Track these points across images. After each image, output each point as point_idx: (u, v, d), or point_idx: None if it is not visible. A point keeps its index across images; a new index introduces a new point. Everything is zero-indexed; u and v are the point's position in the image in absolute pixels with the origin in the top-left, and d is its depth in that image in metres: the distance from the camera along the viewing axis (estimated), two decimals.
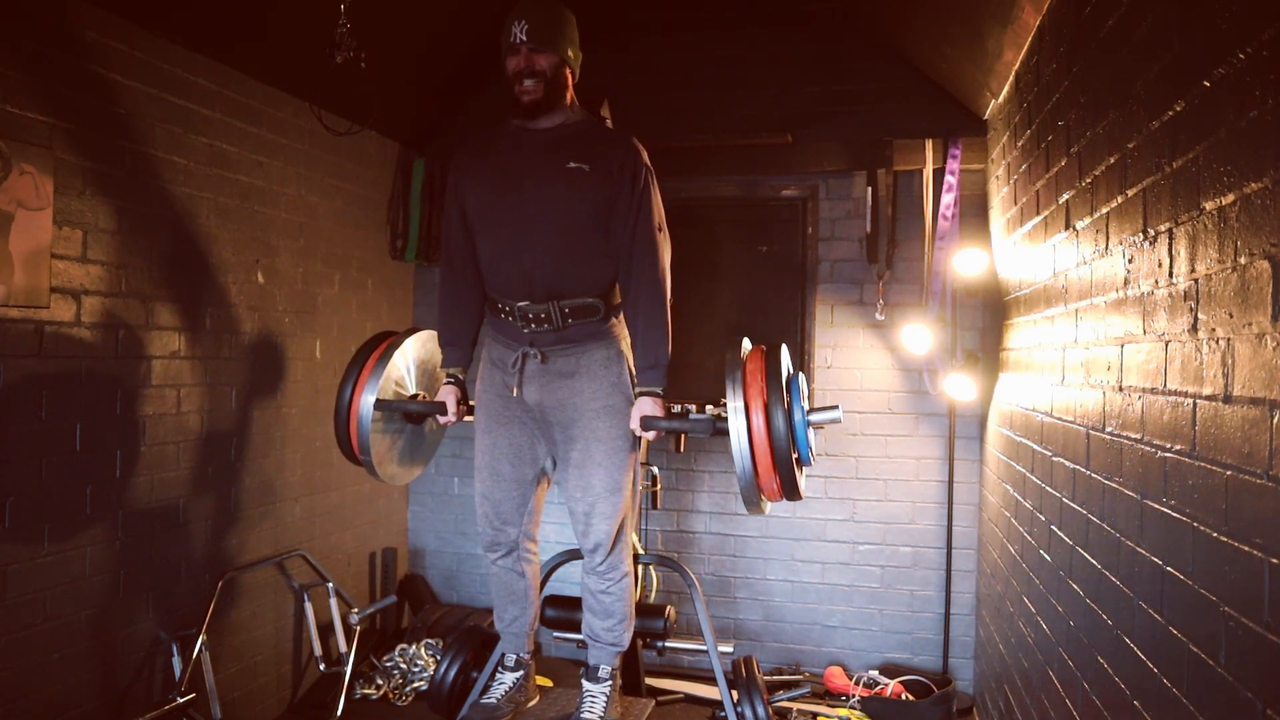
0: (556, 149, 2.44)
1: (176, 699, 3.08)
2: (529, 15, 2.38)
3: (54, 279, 2.74)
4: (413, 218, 4.61)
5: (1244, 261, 1.32)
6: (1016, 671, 2.99)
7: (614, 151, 2.44)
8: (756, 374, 2.44)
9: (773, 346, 2.56)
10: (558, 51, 2.42)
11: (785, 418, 2.37)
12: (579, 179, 2.39)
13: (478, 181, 2.52)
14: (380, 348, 2.89)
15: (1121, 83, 1.93)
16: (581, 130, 2.50)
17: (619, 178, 2.41)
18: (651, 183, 2.47)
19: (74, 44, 2.79)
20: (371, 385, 2.75)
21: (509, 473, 2.59)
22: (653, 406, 2.47)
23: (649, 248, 2.44)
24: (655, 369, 2.47)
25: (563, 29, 2.44)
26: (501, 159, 2.50)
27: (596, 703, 2.60)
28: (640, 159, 2.46)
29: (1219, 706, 1.37)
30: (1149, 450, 1.72)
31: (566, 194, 2.40)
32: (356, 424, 2.76)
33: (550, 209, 2.41)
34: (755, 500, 2.47)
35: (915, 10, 3.69)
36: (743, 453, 2.39)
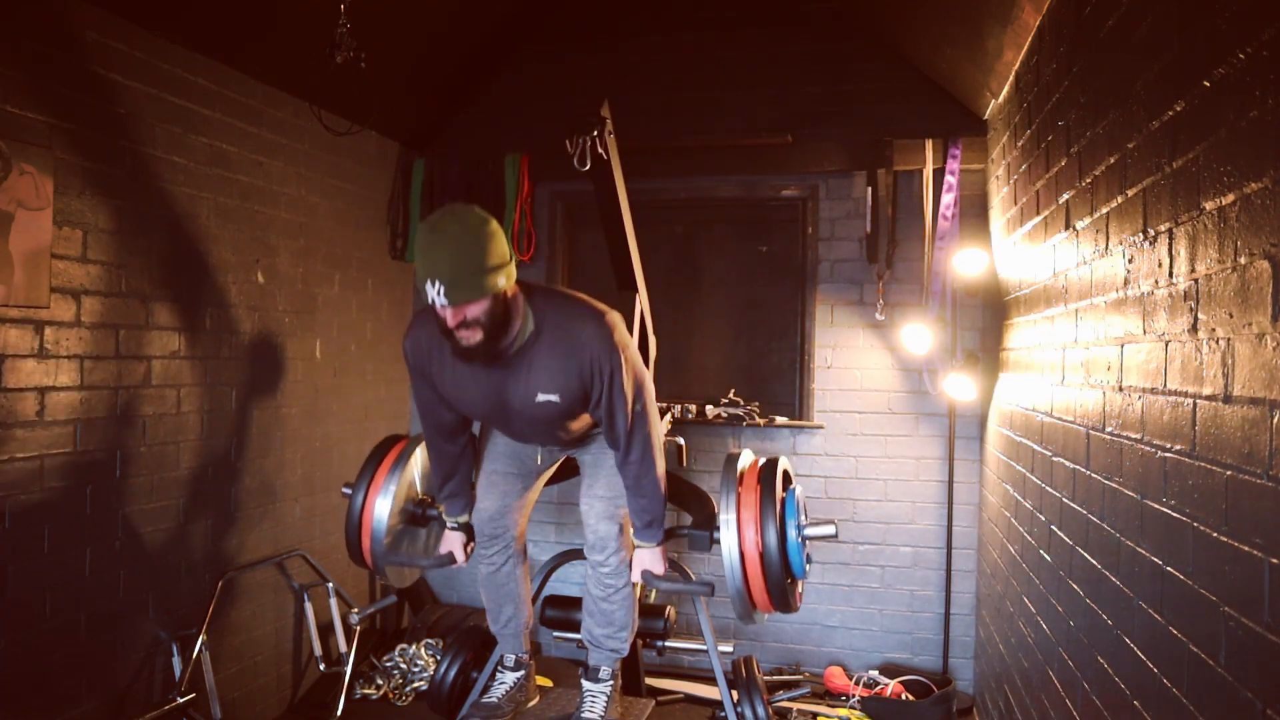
0: (520, 379, 2.29)
1: (176, 699, 3.08)
2: (439, 273, 2.01)
3: (54, 279, 2.74)
4: (413, 218, 4.62)
5: (1244, 261, 1.32)
6: (1016, 671, 2.99)
7: (578, 364, 2.26)
8: (751, 494, 2.52)
9: (770, 461, 2.64)
10: (486, 293, 2.06)
11: (779, 543, 2.45)
12: (552, 406, 2.31)
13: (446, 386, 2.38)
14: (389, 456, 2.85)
15: (1121, 83, 1.93)
16: (538, 346, 2.27)
17: (589, 383, 2.30)
18: (621, 369, 2.29)
19: (74, 44, 2.79)
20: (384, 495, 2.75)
21: (508, 468, 2.63)
22: (653, 560, 2.54)
23: (631, 428, 2.37)
24: (651, 527, 2.51)
25: (483, 264, 2.04)
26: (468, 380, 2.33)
27: (597, 703, 2.60)
28: (603, 349, 2.26)
29: (1219, 706, 1.37)
30: (1149, 450, 1.72)
31: (546, 414, 2.34)
32: (369, 545, 2.76)
33: (535, 421, 2.38)
34: (748, 616, 2.57)
35: (915, 10, 3.69)
36: (735, 577, 2.49)
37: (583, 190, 4.36)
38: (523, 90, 4.69)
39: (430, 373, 2.38)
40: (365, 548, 2.78)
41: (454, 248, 2.02)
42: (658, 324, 3.51)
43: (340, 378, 4.20)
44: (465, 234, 2.04)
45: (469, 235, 2.04)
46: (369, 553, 2.77)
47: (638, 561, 2.54)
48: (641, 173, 4.17)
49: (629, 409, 2.35)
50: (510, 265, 2.14)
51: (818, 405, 4.30)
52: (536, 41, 4.66)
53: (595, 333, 2.26)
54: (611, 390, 2.30)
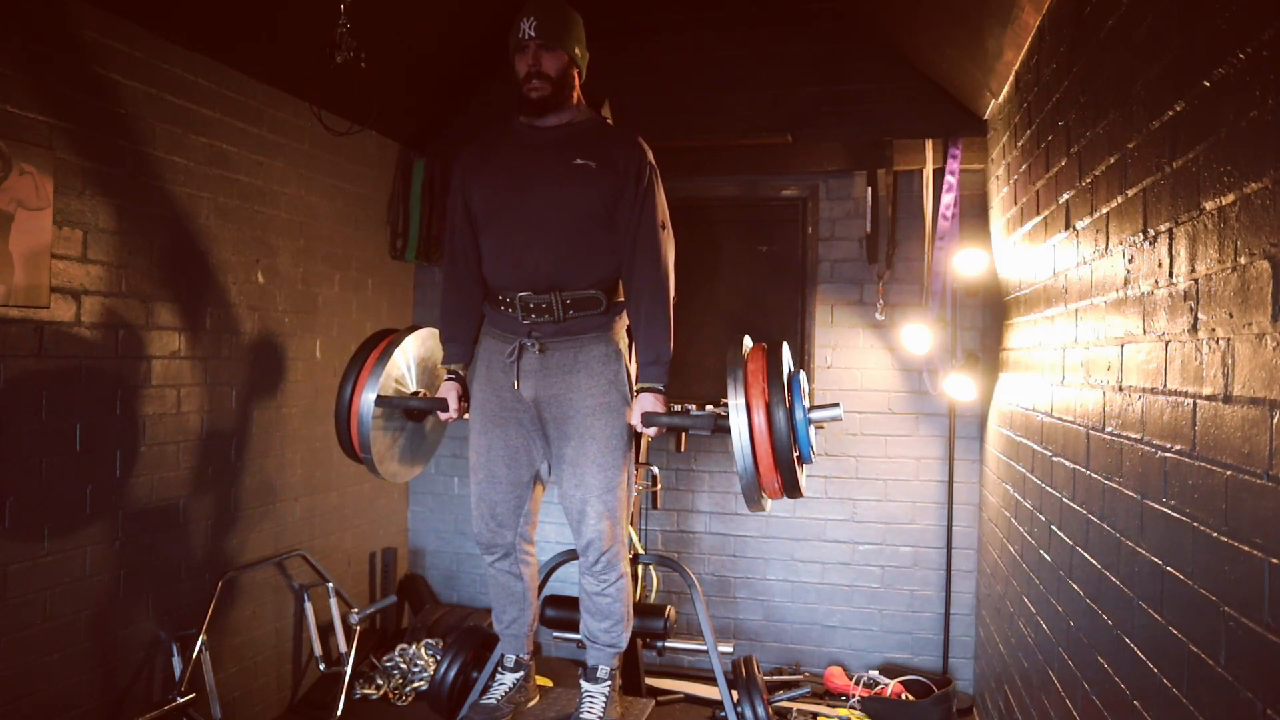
0: (563, 146, 2.47)
1: (176, 699, 3.08)
2: (538, 13, 2.42)
3: (54, 279, 2.74)
4: (413, 218, 4.61)
5: (1244, 261, 1.32)
6: (1016, 671, 2.99)
7: (619, 149, 2.47)
8: (758, 372, 2.45)
9: (774, 344, 2.56)
10: (566, 50, 2.45)
11: (786, 415, 2.38)
12: (585, 175, 2.43)
13: (484, 178, 2.55)
14: (380, 345, 2.89)
15: (1121, 83, 1.93)
16: (587, 129, 2.53)
17: (624, 175, 2.44)
18: (656, 181, 2.51)
19: (74, 44, 2.79)
20: (372, 383, 2.75)
21: (505, 474, 2.58)
22: (654, 402, 2.47)
23: (652, 244, 2.46)
24: (657, 364, 2.47)
25: (570, 29, 2.47)
26: (508, 157, 2.53)
27: (596, 703, 2.60)
28: (645, 157, 2.50)
29: (1219, 706, 1.37)
30: (1149, 450, 1.72)
31: (572, 189, 2.43)
32: (357, 421, 2.76)
33: (556, 203, 2.45)
34: (756, 498, 2.48)
35: (915, 10, 3.69)
36: (744, 450, 2.39)
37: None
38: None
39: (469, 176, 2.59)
40: (354, 436, 2.78)
41: (553, 5, 2.48)
42: None
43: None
44: (565, 5, 2.52)
45: (567, 8, 2.51)
46: (358, 444, 2.78)
47: (638, 405, 2.48)
48: None
49: (656, 221, 2.48)
50: (585, 55, 2.56)
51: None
52: None
53: (639, 144, 2.53)
54: (646, 195, 2.47)
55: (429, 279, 4.82)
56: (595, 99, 2.78)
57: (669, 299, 2.49)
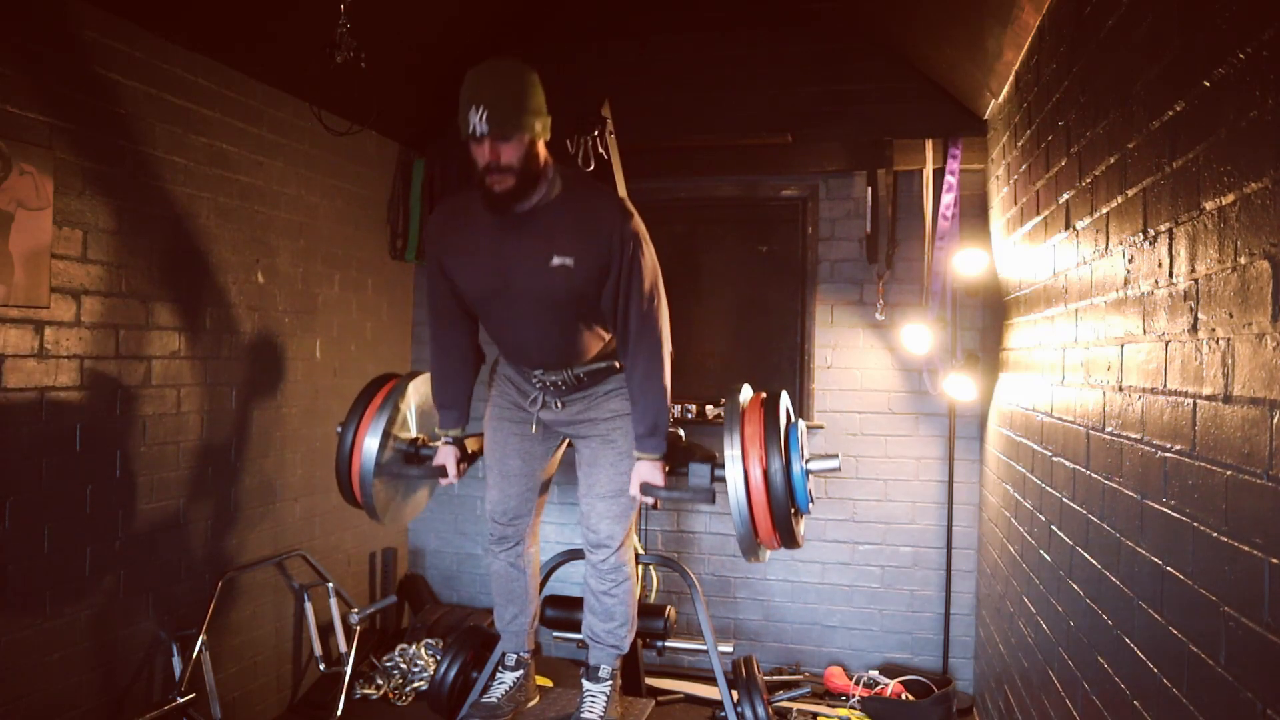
0: (539, 239, 2.26)
1: (176, 699, 3.08)
2: (488, 99, 2.08)
3: (54, 279, 2.74)
4: (413, 218, 4.62)
5: (1244, 261, 1.32)
6: (1016, 671, 2.99)
7: (599, 230, 2.26)
8: (755, 424, 2.46)
9: (772, 394, 2.58)
10: (526, 132, 2.13)
11: (784, 470, 2.39)
12: (565, 274, 2.25)
13: (460, 264, 2.38)
14: (381, 393, 2.82)
15: (1121, 83, 1.93)
16: (561, 207, 2.28)
17: (607, 257, 2.27)
18: (640, 249, 2.30)
19: (74, 44, 2.79)
20: (373, 431, 2.70)
21: (519, 468, 2.63)
22: (652, 472, 2.45)
23: (643, 318, 2.35)
24: (654, 436, 2.44)
25: (527, 104, 2.13)
26: (483, 246, 2.32)
27: (596, 702, 2.60)
28: (626, 229, 2.27)
29: (1219, 706, 1.37)
30: (1149, 450, 1.72)
31: (556, 288, 2.28)
32: (359, 475, 2.73)
33: (542, 303, 2.31)
34: (753, 551, 2.50)
35: (915, 10, 3.69)
36: (740, 507, 2.41)
37: None
38: None
39: (445, 254, 2.40)
40: (355, 483, 2.74)
41: (501, 82, 2.11)
42: None
43: (340, 378, 4.20)
44: (512, 72, 2.14)
45: (516, 76, 2.14)
46: (359, 491, 2.74)
47: (637, 474, 2.45)
48: (642, 173, 4.17)
49: (644, 295, 2.32)
50: (548, 120, 2.20)
51: (818, 405, 4.30)
52: (537, 41, 4.66)
53: (619, 211, 2.30)
54: (630, 269, 2.28)
55: None
56: (595, 99, 2.77)
57: (663, 369, 2.42)
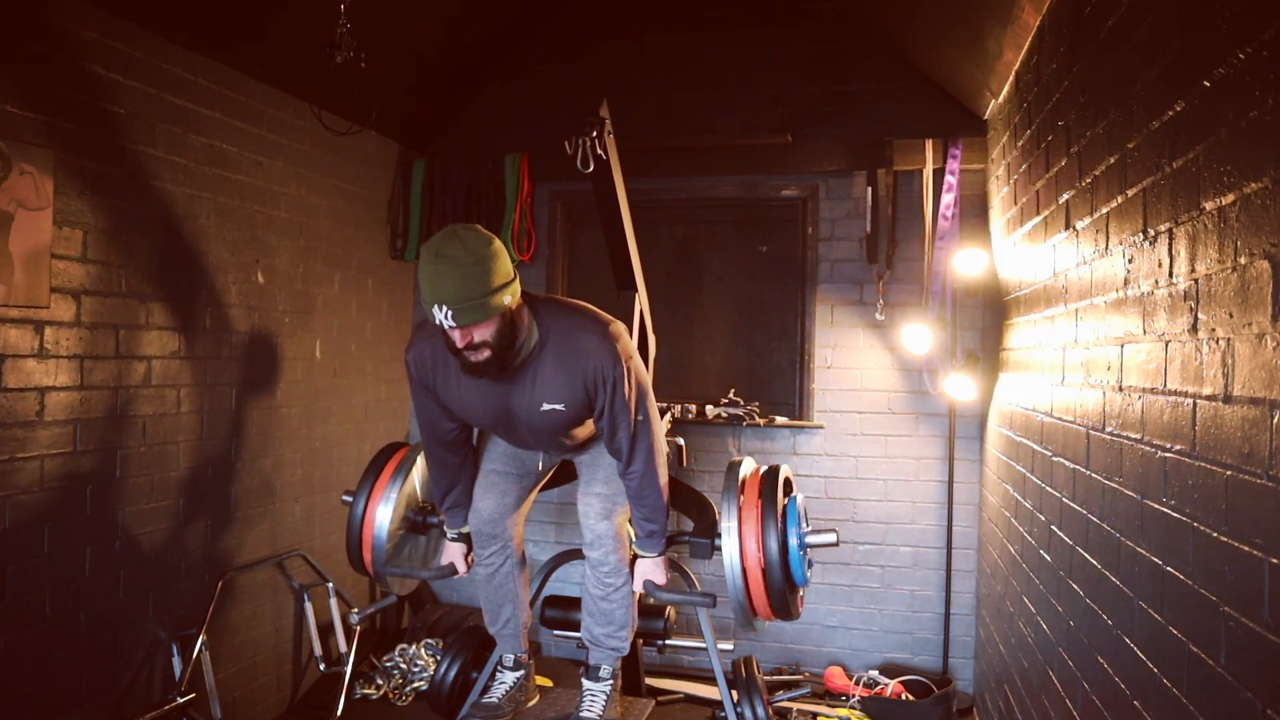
0: (525, 388, 2.30)
1: (176, 699, 3.09)
2: (446, 299, 2.01)
3: (54, 279, 2.74)
4: (413, 218, 4.62)
5: (1244, 261, 1.32)
6: (1016, 671, 2.99)
7: (581, 374, 2.28)
8: (752, 504, 2.52)
9: (771, 469, 2.64)
10: (493, 314, 2.07)
11: (780, 552, 2.46)
12: (557, 415, 2.34)
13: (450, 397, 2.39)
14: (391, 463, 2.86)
15: (1121, 83, 1.93)
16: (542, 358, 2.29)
17: (593, 393, 2.31)
18: (624, 375, 2.29)
19: (74, 44, 2.79)
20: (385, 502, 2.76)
21: (507, 469, 2.64)
22: (654, 570, 2.56)
23: (634, 438, 2.38)
24: (653, 538, 2.53)
25: (489, 285, 2.04)
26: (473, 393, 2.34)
27: (596, 701, 2.60)
28: (607, 360, 2.27)
29: (1219, 706, 1.37)
30: (1149, 450, 1.72)
31: (550, 423, 2.37)
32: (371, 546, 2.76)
33: (542, 436, 2.44)
34: (748, 624, 2.57)
35: (915, 10, 3.69)
36: (736, 585, 2.49)
37: (583, 190, 4.36)
38: (522, 90, 4.69)
39: (434, 386, 2.39)
40: (366, 557, 2.79)
41: (459, 273, 2.00)
42: (657, 324, 3.51)
43: (340, 378, 4.21)
44: (469, 257, 2.01)
45: (472, 258, 2.02)
46: (370, 561, 2.79)
47: (639, 571, 2.56)
48: (641, 173, 4.17)
49: (631, 419, 2.37)
50: (515, 283, 2.13)
51: (818, 405, 4.30)
52: (536, 41, 4.66)
53: (599, 345, 2.28)
54: (614, 402, 2.32)
55: None
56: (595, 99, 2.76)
57: (659, 477, 2.46)
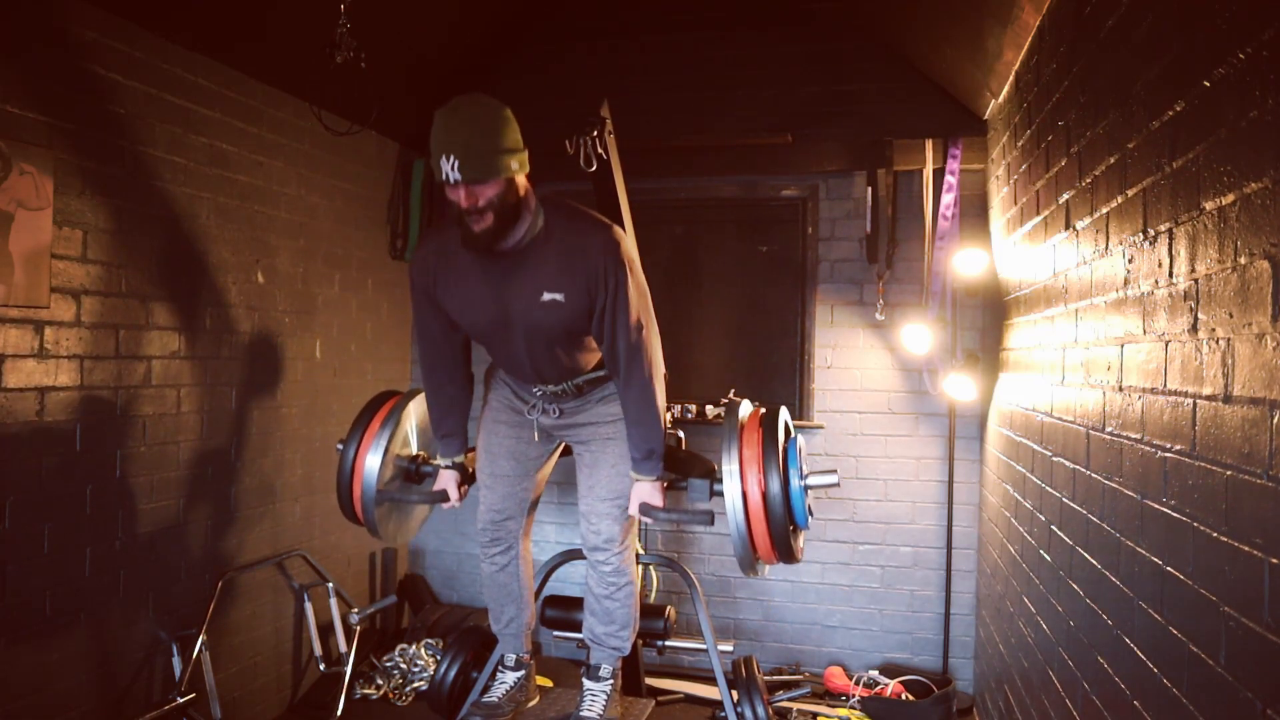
0: (527, 277, 2.27)
1: (176, 699, 3.08)
2: (457, 148, 2.02)
3: (54, 279, 2.74)
4: (413, 218, 4.62)
5: (1244, 261, 1.32)
6: (1016, 671, 2.99)
7: (585, 265, 2.25)
8: (753, 443, 2.47)
9: (771, 410, 2.59)
10: (501, 173, 2.07)
11: (782, 486, 2.41)
12: (557, 308, 2.27)
13: (453, 297, 2.37)
14: (382, 410, 2.84)
15: (1121, 83, 1.93)
16: (546, 242, 2.27)
17: (594, 289, 2.27)
18: (627, 280, 2.28)
19: (74, 44, 2.79)
20: (375, 450, 2.72)
21: (511, 469, 2.62)
22: (651, 492, 2.48)
23: (632, 348, 2.35)
24: (650, 459, 2.46)
25: (500, 144, 2.07)
26: (474, 278, 2.32)
27: (597, 701, 2.60)
28: (611, 259, 2.26)
29: (1219, 706, 1.37)
30: (1149, 450, 1.72)
31: (549, 321, 2.30)
32: (360, 492, 2.74)
33: (538, 333, 2.34)
34: (751, 566, 2.52)
35: (915, 10, 3.69)
36: (738, 522, 2.43)
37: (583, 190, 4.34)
38: (522, 90, 4.69)
39: (435, 289, 2.37)
40: (356, 502, 2.76)
41: (471, 126, 2.04)
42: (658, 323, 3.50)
43: (340, 378, 4.21)
44: (482, 114, 2.06)
45: (486, 115, 2.06)
46: (360, 510, 2.76)
47: (636, 495, 2.48)
48: (641, 173, 4.17)
49: (631, 326, 2.32)
50: (524, 155, 2.15)
51: (818, 405, 4.30)
52: (536, 41, 4.66)
53: (604, 241, 2.27)
54: (615, 302, 2.28)
55: None
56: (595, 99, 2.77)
57: (655, 395, 2.42)
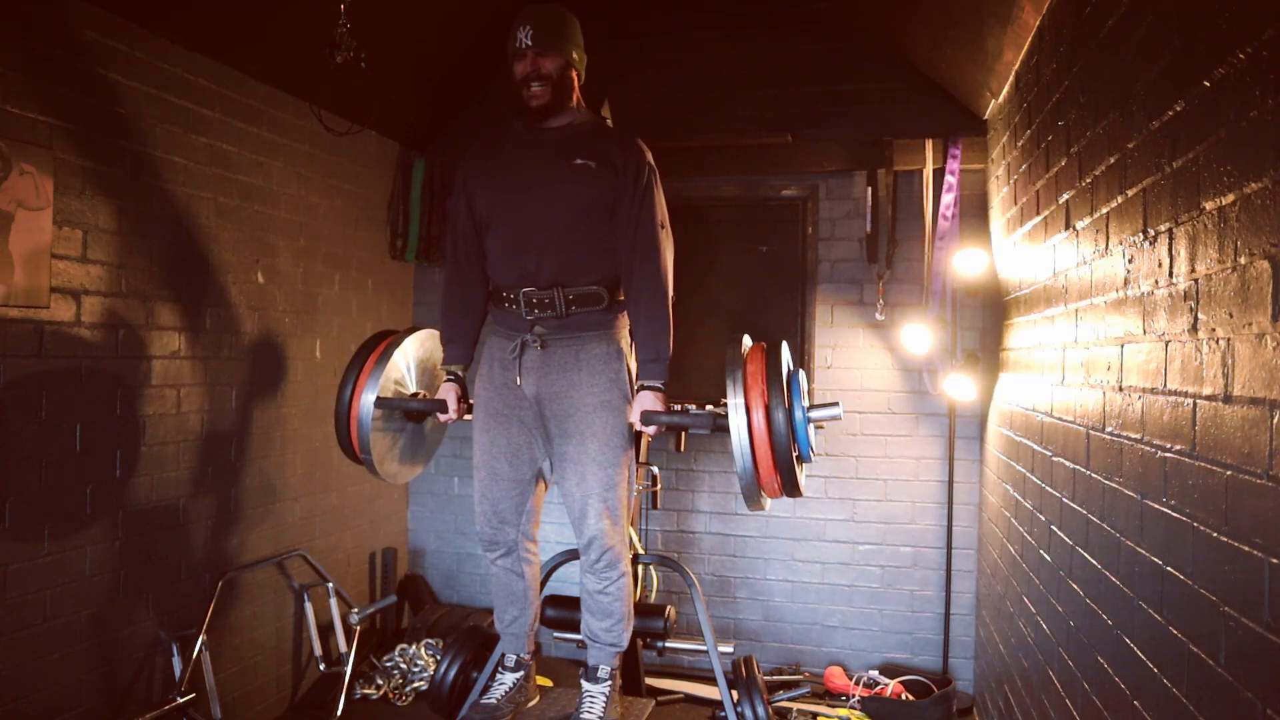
0: (563, 147, 2.50)
1: (176, 699, 3.08)
2: (533, 20, 2.43)
3: (54, 279, 2.74)
4: (413, 218, 4.62)
5: (1244, 261, 1.32)
6: (1016, 671, 2.99)
7: (619, 150, 2.50)
8: (757, 372, 2.46)
9: (773, 344, 2.57)
10: (563, 55, 2.46)
11: (786, 415, 2.38)
12: (584, 175, 2.45)
13: (486, 180, 2.57)
14: (380, 347, 2.90)
15: (1121, 83, 1.93)
16: (587, 130, 2.55)
17: (623, 174, 2.47)
18: (655, 181, 2.53)
19: (74, 44, 2.79)
20: (372, 384, 2.76)
21: (507, 472, 2.59)
22: (654, 401, 2.49)
23: (651, 244, 2.49)
24: (657, 362, 2.49)
25: (567, 32, 2.48)
26: (510, 159, 2.56)
27: (596, 703, 2.60)
28: (644, 158, 2.52)
29: (1219, 706, 1.37)
30: (1149, 450, 1.72)
31: (572, 189, 2.46)
32: (357, 423, 2.77)
33: (557, 202, 2.48)
34: (756, 497, 2.48)
35: (915, 10, 3.69)
36: (743, 449, 2.40)
37: None
38: None
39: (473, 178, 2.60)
40: (354, 436, 2.79)
41: (547, 10, 2.48)
42: None
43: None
44: (559, 8, 2.50)
45: (561, 10, 2.50)
46: (358, 443, 2.79)
47: (638, 402, 2.49)
48: None
49: (654, 223, 2.50)
50: (584, 58, 2.55)
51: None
52: None
53: (638, 145, 2.55)
54: (643, 196, 2.49)
55: (429, 279, 4.82)
56: (595, 99, 2.78)
57: (667, 297, 2.52)
